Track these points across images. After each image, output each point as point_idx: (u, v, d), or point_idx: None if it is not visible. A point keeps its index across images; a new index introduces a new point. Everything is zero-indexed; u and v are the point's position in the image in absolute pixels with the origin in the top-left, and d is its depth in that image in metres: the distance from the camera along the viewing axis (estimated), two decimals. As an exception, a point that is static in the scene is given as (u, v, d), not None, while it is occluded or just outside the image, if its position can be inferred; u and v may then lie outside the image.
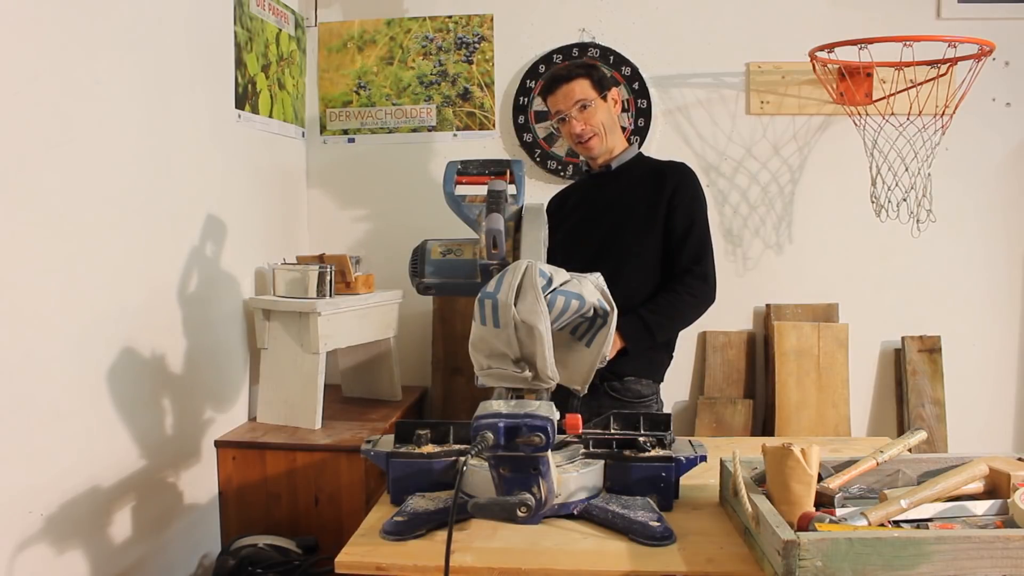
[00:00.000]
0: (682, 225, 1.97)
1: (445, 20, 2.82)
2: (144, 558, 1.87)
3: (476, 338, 1.19)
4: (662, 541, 1.17)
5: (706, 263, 1.97)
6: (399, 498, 1.31)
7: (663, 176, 2.01)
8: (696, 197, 2.02)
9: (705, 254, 1.98)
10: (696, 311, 1.98)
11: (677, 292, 1.94)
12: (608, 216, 2.05)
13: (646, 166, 2.08)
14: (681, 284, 1.94)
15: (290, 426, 2.27)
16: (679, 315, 1.96)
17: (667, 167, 2.06)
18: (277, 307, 2.26)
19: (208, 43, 2.18)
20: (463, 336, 1.24)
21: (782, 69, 2.72)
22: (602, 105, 2.02)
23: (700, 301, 1.96)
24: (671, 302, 1.93)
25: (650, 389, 1.99)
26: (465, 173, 1.42)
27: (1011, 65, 2.68)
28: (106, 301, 1.73)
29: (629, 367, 1.93)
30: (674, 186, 1.99)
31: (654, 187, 2.00)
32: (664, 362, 2.06)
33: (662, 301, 1.93)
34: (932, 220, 2.49)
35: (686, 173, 2.04)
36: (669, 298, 1.94)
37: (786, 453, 1.13)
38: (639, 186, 2.03)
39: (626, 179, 2.06)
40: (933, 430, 2.69)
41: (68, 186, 1.61)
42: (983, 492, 1.22)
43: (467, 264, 1.37)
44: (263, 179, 2.53)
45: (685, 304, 1.94)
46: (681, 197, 1.99)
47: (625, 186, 2.05)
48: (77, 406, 1.65)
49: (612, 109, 2.05)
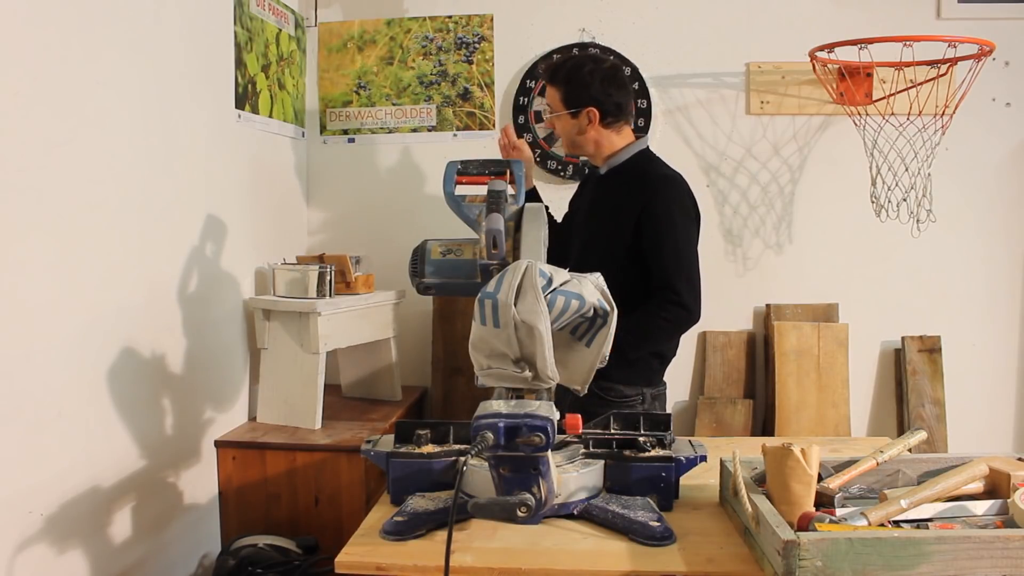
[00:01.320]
0: (652, 242, 1.89)
1: (445, 20, 2.82)
2: (144, 558, 1.87)
3: (476, 338, 1.19)
4: (662, 541, 1.16)
5: (680, 285, 1.88)
6: (399, 498, 1.31)
7: (638, 190, 1.92)
8: (667, 215, 1.90)
9: (679, 274, 1.88)
10: (670, 335, 1.95)
11: (652, 314, 1.88)
12: (586, 220, 2.03)
13: (631, 174, 1.99)
14: (659, 306, 1.88)
15: (290, 426, 2.27)
16: (651, 337, 1.91)
17: (648, 180, 1.95)
18: (277, 307, 2.26)
19: (208, 43, 2.18)
20: (463, 336, 1.24)
21: (782, 69, 2.72)
22: (567, 120, 1.99)
23: (675, 327, 1.92)
24: (645, 323, 1.87)
25: (634, 390, 1.95)
26: (465, 173, 1.42)
27: (1011, 65, 2.68)
28: (106, 301, 1.73)
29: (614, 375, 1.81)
30: (644, 203, 1.90)
31: (627, 198, 1.93)
32: (653, 367, 2.00)
33: (636, 320, 1.83)
34: (932, 220, 2.49)
35: (659, 190, 1.92)
36: (644, 319, 1.87)
37: (786, 453, 1.13)
38: (616, 194, 1.96)
39: (609, 185, 2.01)
40: (933, 430, 2.69)
41: (68, 186, 1.61)
42: (983, 492, 1.22)
43: (467, 264, 1.37)
44: (263, 179, 2.53)
45: (659, 328, 1.90)
46: (648, 215, 1.89)
47: (605, 192, 2.01)
48: (77, 406, 1.65)
49: (584, 126, 1.98)
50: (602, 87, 1.97)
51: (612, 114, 1.99)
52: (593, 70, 1.98)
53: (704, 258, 2.74)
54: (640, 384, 1.96)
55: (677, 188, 1.96)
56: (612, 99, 1.98)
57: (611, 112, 1.99)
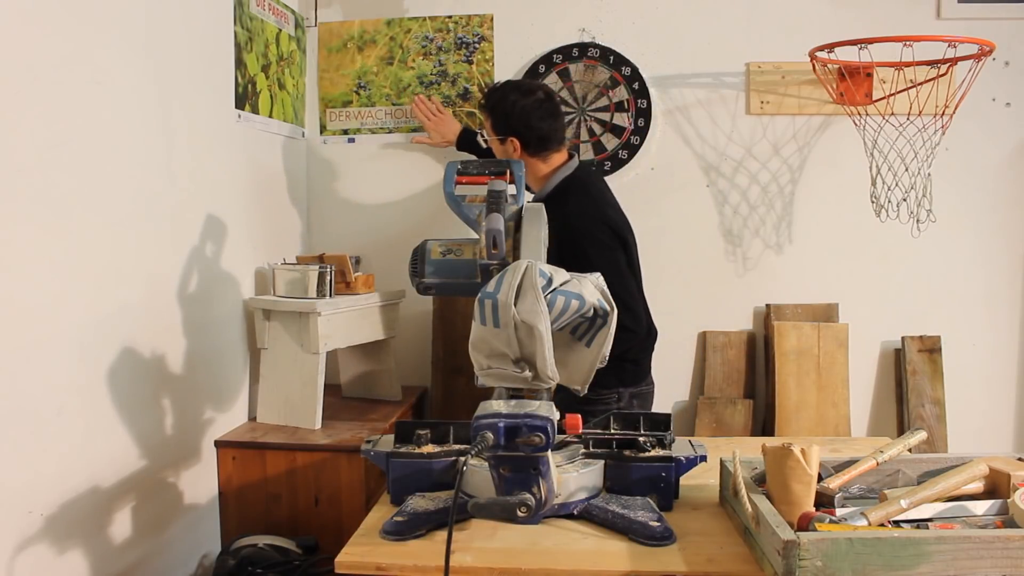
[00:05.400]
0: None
1: (445, 20, 2.82)
2: (144, 558, 1.87)
3: (476, 338, 1.19)
4: (662, 541, 1.17)
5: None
6: (399, 498, 1.31)
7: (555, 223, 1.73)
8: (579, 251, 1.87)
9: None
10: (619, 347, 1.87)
11: None
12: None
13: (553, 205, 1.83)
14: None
15: (290, 426, 2.27)
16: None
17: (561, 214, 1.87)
18: (277, 307, 2.26)
19: (208, 43, 2.18)
20: (463, 336, 1.24)
21: (782, 69, 2.72)
22: (497, 145, 2.08)
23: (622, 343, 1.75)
24: None
25: (608, 389, 1.96)
26: (465, 173, 1.42)
27: (1011, 65, 2.68)
28: (106, 301, 1.73)
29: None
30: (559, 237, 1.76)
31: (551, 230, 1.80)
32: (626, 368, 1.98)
33: None
34: (932, 220, 2.49)
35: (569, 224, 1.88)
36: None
37: (786, 453, 1.13)
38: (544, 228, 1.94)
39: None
40: (933, 430, 2.69)
41: (68, 186, 1.61)
42: (983, 492, 1.22)
43: (467, 264, 1.37)
44: (263, 179, 2.53)
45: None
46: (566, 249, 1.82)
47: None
48: (77, 405, 1.65)
49: (511, 152, 2.06)
50: (522, 119, 2.03)
51: (534, 145, 2.06)
52: (515, 101, 2.04)
53: (704, 258, 2.80)
54: (614, 384, 1.97)
55: (586, 220, 1.96)
56: (534, 132, 2.04)
57: (532, 143, 2.06)
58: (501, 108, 2.06)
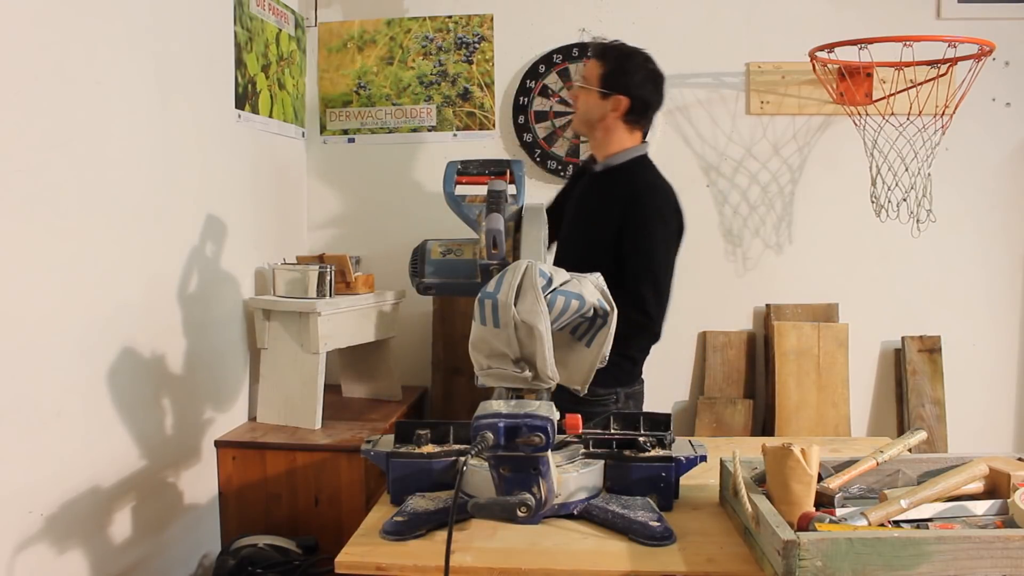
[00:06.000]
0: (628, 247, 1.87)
1: (445, 20, 2.82)
2: (144, 558, 1.87)
3: (476, 338, 1.19)
4: (662, 541, 1.17)
5: (646, 291, 1.85)
6: (399, 498, 1.31)
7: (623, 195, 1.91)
8: (645, 223, 1.88)
9: (646, 281, 1.86)
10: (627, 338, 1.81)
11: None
12: (571, 217, 2.03)
13: (621, 178, 1.97)
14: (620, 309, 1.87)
15: (290, 426, 2.27)
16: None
17: (634, 186, 1.93)
18: (277, 307, 2.26)
19: (208, 43, 2.18)
20: (463, 336, 1.24)
21: (782, 69, 2.72)
22: (595, 98, 1.97)
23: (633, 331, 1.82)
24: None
25: (607, 389, 1.94)
26: (465, 173, 1.43)
27: (1011, 65, 2.68)
28: (106, 301, 1.73)
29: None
30: (626, 209, 1.89)
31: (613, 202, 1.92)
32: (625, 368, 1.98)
33: None
34: (932, 220, 2.49)
35: (642, 198, 1.91)
36: None
37: (786, 453, 1.13)
38: (603, 196, 1.95)
39: (600, 185, 1.99)
40: (933, 430, 2.69)
41: (68, 186, 1.61)
42: (983, 492, 1.22)
43: (467, 264, 1.37)
44: (263, 179, 2.53)
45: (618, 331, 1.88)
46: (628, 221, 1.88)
47: (594, 192, 2.00)
48: (77, 406, 1.65)
49: (607, 112, 1.96)
50: (642, 82, 1.97)
51: (637, 112, 1.98)
52: (642, 64, 1.98)
53: (704, 258, 2.79)
54: (613, 384, 1.95)
55: (660, 198, 1.95)
56: (644, 98, 1.98)
57: (637, 110, 1.98)
58: (624, 64, 1.97)
